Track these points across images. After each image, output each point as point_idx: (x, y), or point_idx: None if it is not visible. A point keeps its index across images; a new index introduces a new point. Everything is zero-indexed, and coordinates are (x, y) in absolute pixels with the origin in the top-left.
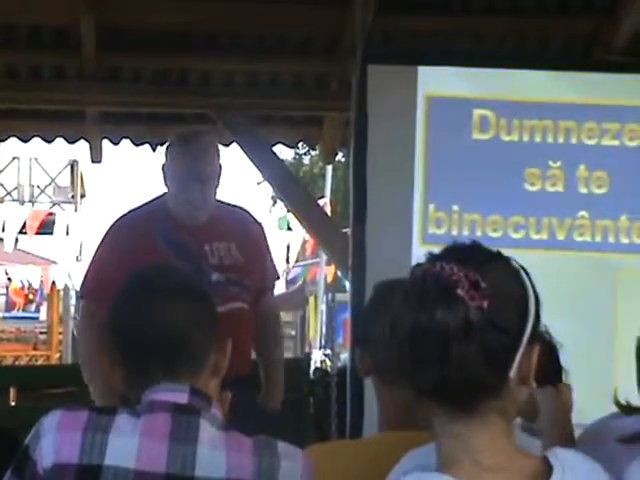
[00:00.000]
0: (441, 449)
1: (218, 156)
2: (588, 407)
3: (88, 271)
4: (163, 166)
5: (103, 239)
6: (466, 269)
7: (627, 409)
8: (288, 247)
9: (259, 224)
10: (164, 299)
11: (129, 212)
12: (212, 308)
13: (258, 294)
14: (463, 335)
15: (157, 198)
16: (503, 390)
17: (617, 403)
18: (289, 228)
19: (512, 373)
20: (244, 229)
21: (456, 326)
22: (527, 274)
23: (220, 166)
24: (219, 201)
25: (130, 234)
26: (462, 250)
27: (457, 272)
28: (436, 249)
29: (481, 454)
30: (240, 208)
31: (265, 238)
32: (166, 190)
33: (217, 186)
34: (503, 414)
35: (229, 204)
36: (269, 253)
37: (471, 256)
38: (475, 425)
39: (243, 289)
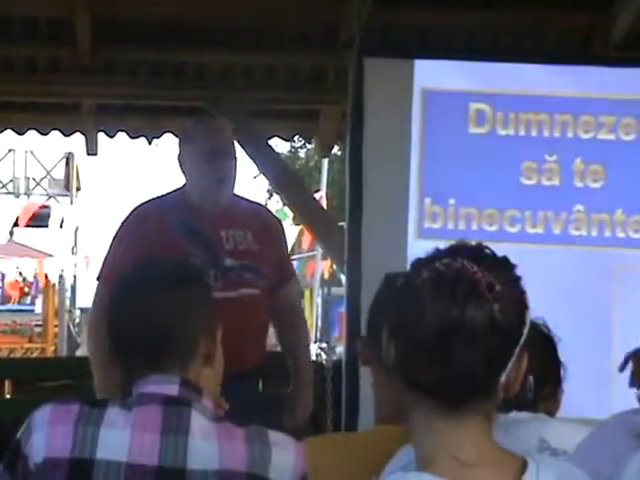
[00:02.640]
0: (420, 446)
1: (232, 139)
2: (585, 401)
3: (106, 257)
4: (179, 155)
5: (121, 226)
6: (482, 270)
7: None
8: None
9: (279, 221)
10: (146, 293)
11: (146, 202)
12: (201, 296)
13: (275, 285)
14: (486, 333)
15: (175, 190)
16: (493, 393)
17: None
18: (296, 224)
19: (503, 377)
20: (262, 221)
21: (482, 324)
22: None
23: (236, 155)
24: (239, 196)
25: (147, 221)
26: (473, 251)
27: (477, 271)
28: (432, 243)
29: (460, 450)
30: (258, 204)
31: (284, 235)
32: (184, 181)
33: (235, 171)
34: (486, 415)
35: (247, 199)
36: (286, 250)
37: (482, 258)
38: (458, 423)
39: (257, 275)
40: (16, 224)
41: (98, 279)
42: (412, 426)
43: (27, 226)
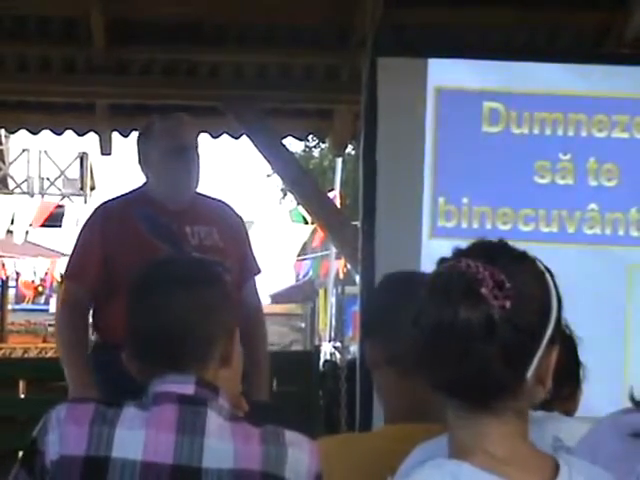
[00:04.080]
0: (454, 441)
1: (196, 135)
2: (598, 400)
3: (72, 254)
4: (140, 153)
5: (85, 224)
6: (492, 268)
7: None
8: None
9: (239, 217)
10: (166, 291)
11: (110, 200)
12: (220, 297)
13: (239, 283)
14: (484, 334)
15: (137, 188)
16: (520, 390)
17: (631, 398)
18: (306, 222)
19: (530, 374)
20: (225, 218)
21: (478, 325)
22: (552, 276)
23: (198, 154)
24: (202, 194)
25: (112, 218)
26: (490, 248)
27: (482, 271)
28: (446, 242)
29: (494, 446)
30: (221, 201)
31: (246, 231)
32: (145, 180)
33: (198, 167)
34: (518, 413)
35: (209, 197)
36: (249, 246)
37: (498, 255)
38: (490, 421)
39: (224, 269)
40: (31, 224)
41: (63, 277)
42: (447, 422)
43: (42, 226)
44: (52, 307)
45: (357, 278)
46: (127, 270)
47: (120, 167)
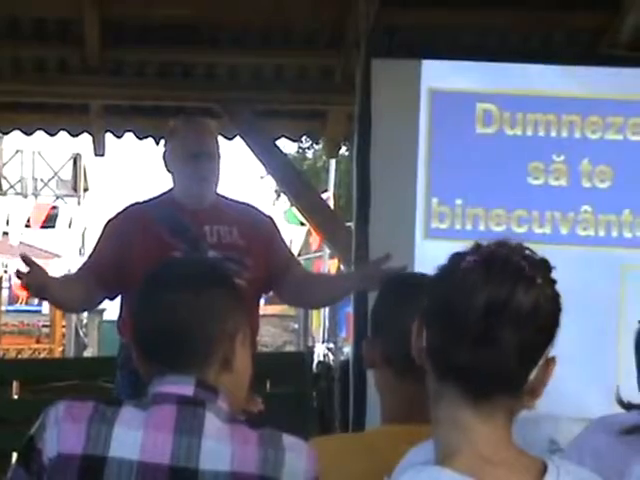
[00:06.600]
0: (441, 440)
1: (217, 139)
2: (591, 401)
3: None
4: (164, 153)
5: (105, 225)
6: (527, 262)
7: (627, 405)
8: (291, 241)
9: (269, 217)
10: (168, 292)
11: (136, 202)
12: (223, 299)
13: (280, 275)
14: (530, 319)
15: (165, 192)
16: (520, 390)
17: (619, 401)
18: (302, 224)
19: (532, 376)
20: (248, 218)
21: (528, 308)
22: None
23: (219, 155)
24: (227, 198)
25: (130, 218)
26: (515, 248)
27: (522, 260)
28: (439, 243)
29: (482, 445)
30: (245, 203)
31: (277, 230)
32: (170, 181)
33: (218, 171)
34: (510, 413)
35: (235, 200)
36: (284, 243)
37: (524, 256)
38: (484, 419)
39: (241, 267)
40: (27, 226)
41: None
42: (437, 420)
43: (42, 227)
44: (45, 308)
45: None
46: (141, 269)
47: (113, 168)
